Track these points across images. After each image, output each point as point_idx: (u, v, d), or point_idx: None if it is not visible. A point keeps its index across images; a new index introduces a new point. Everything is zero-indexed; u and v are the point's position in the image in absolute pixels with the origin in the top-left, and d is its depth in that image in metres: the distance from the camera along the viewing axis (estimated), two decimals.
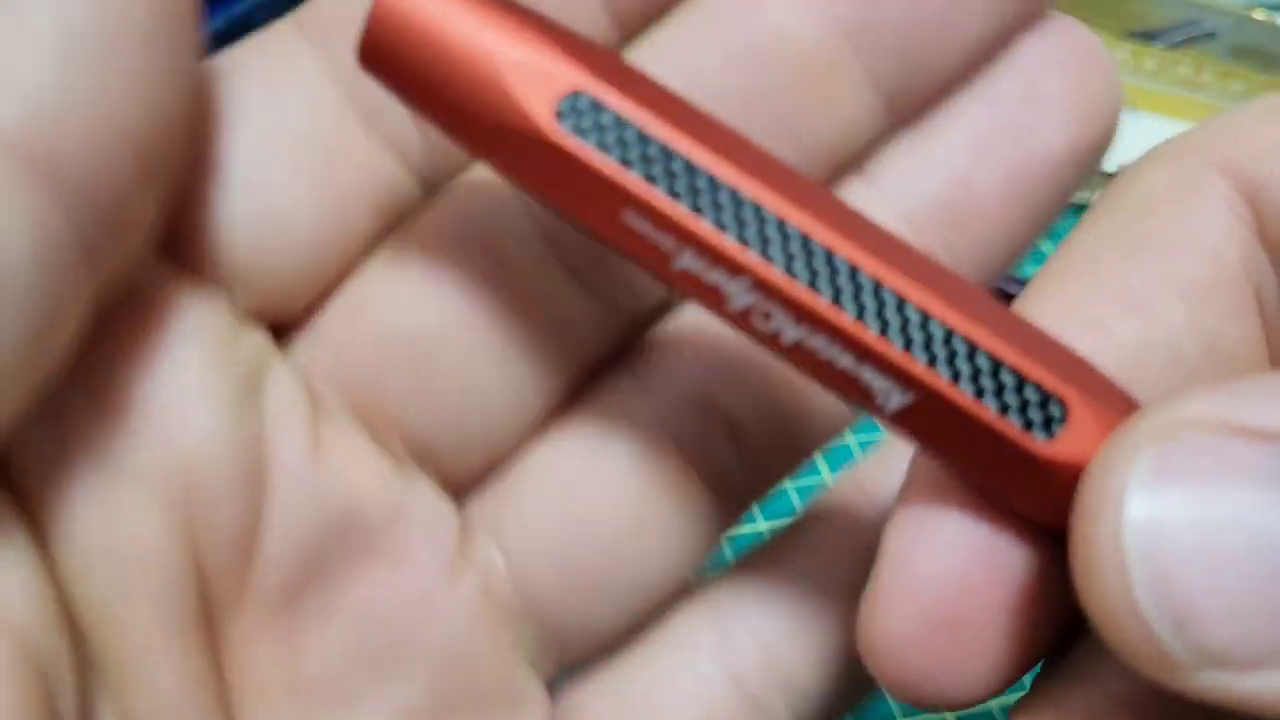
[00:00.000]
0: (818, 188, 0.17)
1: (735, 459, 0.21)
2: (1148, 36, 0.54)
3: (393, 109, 0.19)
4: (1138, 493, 0.13)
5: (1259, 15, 0.52)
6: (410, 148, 0.19)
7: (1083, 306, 0.17)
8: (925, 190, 0.21)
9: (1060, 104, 0.20)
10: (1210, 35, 0.53)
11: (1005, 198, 0.21)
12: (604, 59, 0.16)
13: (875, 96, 0.20)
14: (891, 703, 0.36)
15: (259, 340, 0.19)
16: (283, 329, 0.19)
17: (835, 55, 0.20)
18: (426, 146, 0.19)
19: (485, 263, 0.19)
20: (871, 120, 0.20)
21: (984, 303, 0.17)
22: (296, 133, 0.19)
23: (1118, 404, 0.16)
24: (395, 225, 0.20)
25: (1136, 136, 0.56)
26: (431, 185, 0.20)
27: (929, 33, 0.20)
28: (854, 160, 0.21)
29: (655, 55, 0.20)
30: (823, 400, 0.21)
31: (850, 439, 0.42)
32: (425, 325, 0.19)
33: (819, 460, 0.40)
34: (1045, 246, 0.42)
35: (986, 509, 0.17)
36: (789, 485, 0.40)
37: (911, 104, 0.21)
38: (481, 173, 0.20)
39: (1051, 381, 0.16)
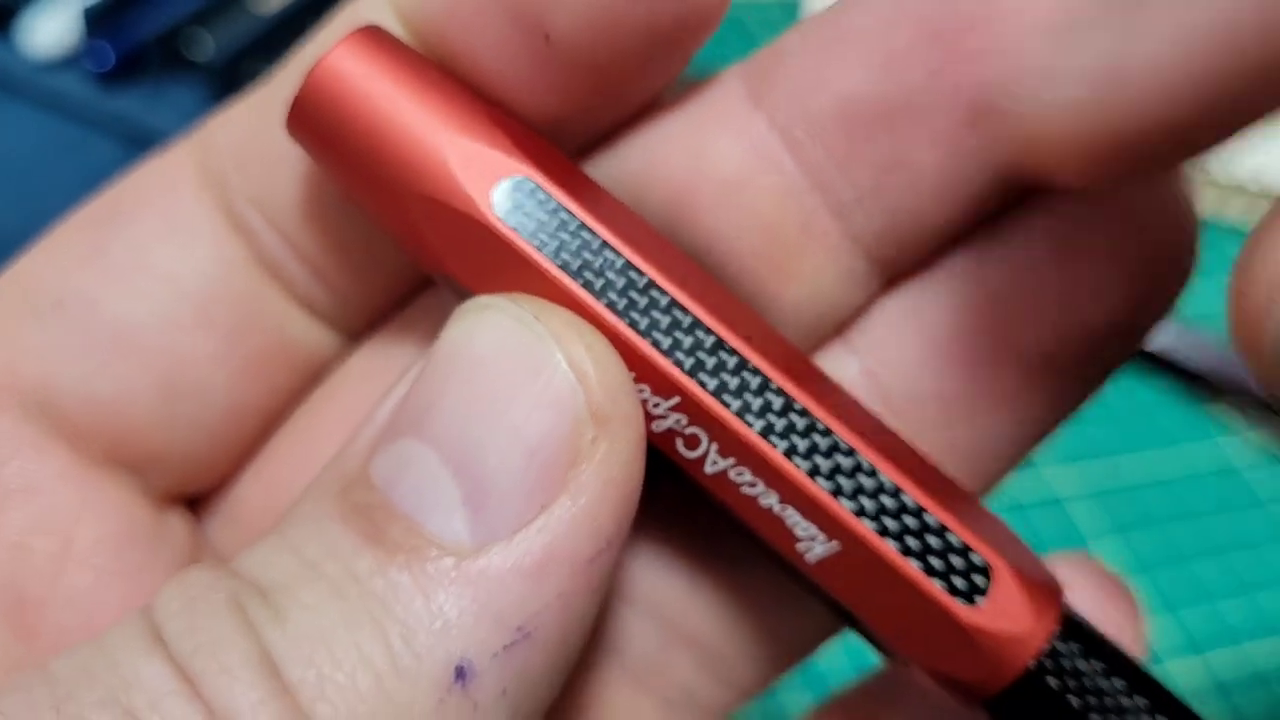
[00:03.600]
0: (760, 319, 0.16)
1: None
2: None
3: (293, 262, 0.18)
4: None
5: None
6: (317, 300, 0.19)
7: None
8: (914, 371, 0.18)
9: (1107, 262, 0.17)
10: None
11: (1022, 386, 0.17)
12: (544, 149, 0.16)
13: (860, 262, 0.17)
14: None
15: None
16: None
17: (805, 215, 0.17)
18: (333, 298, 0.19)
19: None
20: (856, 289, 0.18)
21: (917, 460, 0.16)
22: (206, 288, 0.18)
23: (1039, 577, 0.16)
24: (314, 382, 0.19)
25: None
26: (346, 335, 0.19)
27: (930, 181, 0.16)
28: (837, 328, 0.18)
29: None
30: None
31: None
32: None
33: None
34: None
35: None
36: None
37: (910, 264, 0.18)
38: None
39: (980, 546, 0.15)
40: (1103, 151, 0.14)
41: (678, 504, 0.19)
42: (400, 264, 0.19)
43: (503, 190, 0.15)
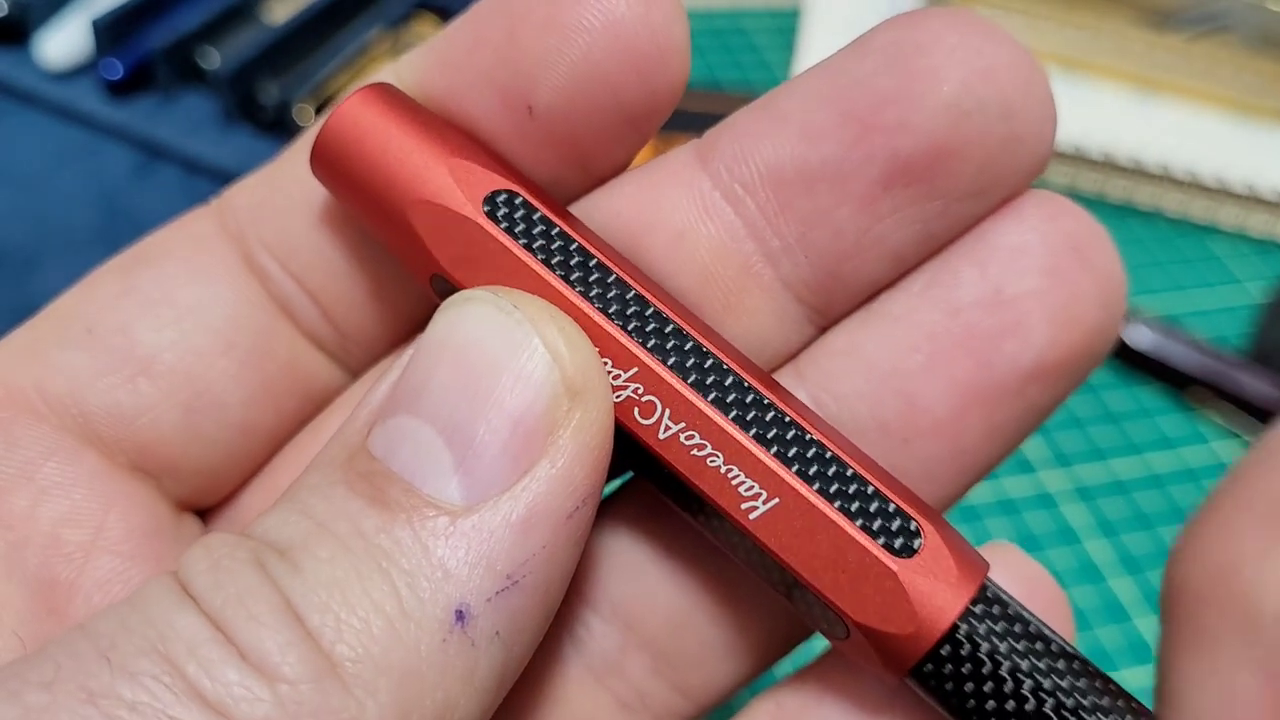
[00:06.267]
0: (706, 324, 0.19)
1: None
2: (1165, 25, 0.53)
3: (304, 302, 0.21)
4: None
5: (1275, 6, 0.52)
6: (324, 337, 0.21)
7: None
8: (859, 398, 0.19)
9: (1032, 308, 0.19)
10: (1227, 25, 0.53)
11: (956, 414, 0.19)
12: (526, 178, 0.19)
13: (793, 303, 0.20)
14: None
15: None
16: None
17: (744, 258, 0.19)
18: (337, 335, 0.21)
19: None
20: (792, 326, 0.20)
21: (848, 441, 0.18)
22: (226, 321, 0.20)
23: (967, 550, 0.17)
24: (319, 410, 0.22)
25: (1155, 124, 0.56)
26: (348, 371, 0.22)
27: (851, 235, 0.19)
28: (784, 362, 0.20)
29: None
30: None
31: None
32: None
33: None
34: None
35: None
36: None
37: (846, 306, 0.20)
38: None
39: (911, 511, 0.17)
40: None
41: (643, 510, 0.21)
42: (398, 307, 0.21)
43: (491, 198, 0.18)
